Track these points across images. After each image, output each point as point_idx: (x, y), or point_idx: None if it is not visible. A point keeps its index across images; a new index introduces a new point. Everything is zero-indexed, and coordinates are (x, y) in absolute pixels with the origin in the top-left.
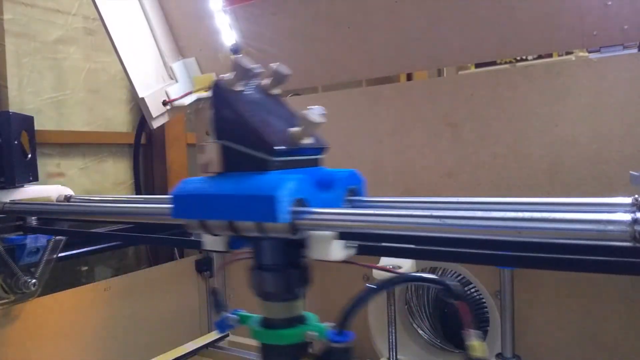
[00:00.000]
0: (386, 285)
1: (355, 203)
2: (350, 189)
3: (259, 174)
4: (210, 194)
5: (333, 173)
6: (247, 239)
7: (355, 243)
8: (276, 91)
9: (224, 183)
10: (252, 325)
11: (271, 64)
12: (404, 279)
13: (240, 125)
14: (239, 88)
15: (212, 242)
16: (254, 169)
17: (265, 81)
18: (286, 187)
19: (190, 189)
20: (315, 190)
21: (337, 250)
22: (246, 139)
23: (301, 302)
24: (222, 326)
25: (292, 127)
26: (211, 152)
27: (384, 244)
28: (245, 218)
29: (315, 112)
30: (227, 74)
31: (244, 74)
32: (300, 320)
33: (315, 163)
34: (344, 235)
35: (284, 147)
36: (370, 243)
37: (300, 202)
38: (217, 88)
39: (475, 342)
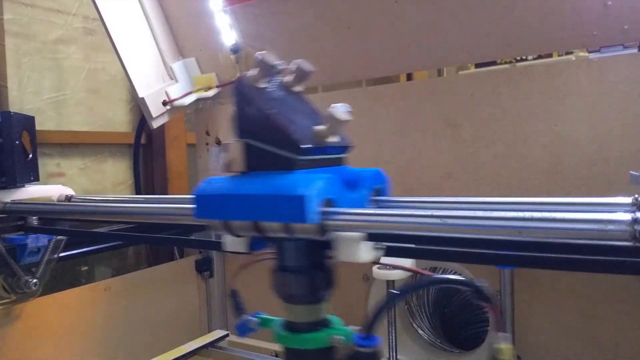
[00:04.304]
0: (410, 289)
1: (381, 203)
2: (375, 189)
3: (286, 173)
4: (235, 194)
5: (359, 172)
6: (270, 239)
7: (384, 244)
8: (298, 88)
9: (249, 183)
10: (275, 328)
11: (294, 60)
12: (428, 282)
13: (265, 123)
14: (262, 85)
15: (232, 243)
16: (279, 168)
17: (287, 78)
18: (315, 186)
19: (214, 189)
20: (342, 190)
21: (366, 252)
22: (271, 137)
23: (325, 305)
24: (243, 329)
25: (317, 124)
26: (234, 151)
27: (410, 245)
28: (272, 219)
29: (341, 110)
30: (250, 71)
31: (268, 70)
32: (324, 324)
33: (339, 162)
34: (372, 237)
35: (310, 146)
36: (398, 244)
37: (329, 202)
38: (240, 85)
39: (502, 345)
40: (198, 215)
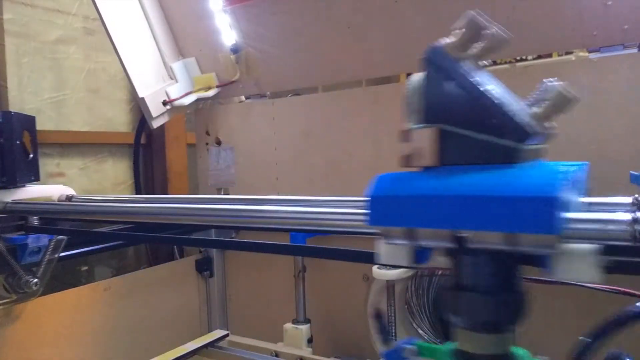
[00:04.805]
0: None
1: (593, 206)
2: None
3: (506, 168)
4: (437, 195)
5: (574, 167)
6: (461, 252)
7: (612, 259)
8: (485, 62)
9: (452, 180)
10: (437, 357)
11: (492, 30)
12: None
13: (474, 103)
14: (463, 55)
15: (390, 254)
16: (491, 161)
17: (474, 49)
18: (563, 185)
19: (398, 188)
20: (573, 190)
21: (595, 269)
22: (483, 122)
23: (513, 335)
24: (395, 357)
25: (533, 105)
26: (422, 139)
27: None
28: (491, 227)
29: (563, 86)
30: (449, 37)
31: (476, 35)
32: (510, 358)
33: (541, 154)
34: (608, 249)
35: (536, 132)
36: (626, 258)
37: (566, 206)
38: (435, 54)
39: None
40: (374, 221)
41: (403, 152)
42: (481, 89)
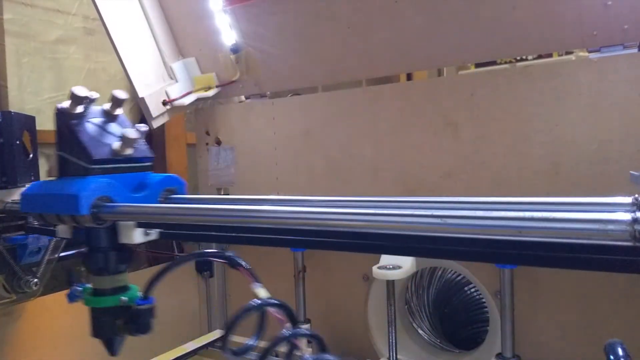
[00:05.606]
0: (183, 259)
1: (172, 200)
2: (168, 190)
3: (79, 178)
4: (43, 193)
5: (146, 177)
6: (76, 228)
7: (155, 230)
8: (118, 112)
9: (54, 185)
10: (84, 294)
11: (112, 91)
12: (194, 255)
13: (72, 140)
14: (79, 111)
15: (62, 231)
16: (79, 174)
17: (107, 105)
18: (88, 187)
19: (34, 189)
20: (125, 190)
21: (138, 236)
22: (74, 150)
23: (121, 276)
24: (71, 297)
25: (117, 142)
26: (53, 161)
27: (184, 231)
28: (63, 212)
29: (134, 130)
30: (67, 101)
31: (79, 100)
32: (121, 290)
33: (141, 169)
34: (141, 224)
35: (102, 157)
36: (170, 231)
37: (105, 199)
38: (59, 113)
39: (259, 290)
40: (23, 209)
41: (47, 168)
42: (74, 131)
